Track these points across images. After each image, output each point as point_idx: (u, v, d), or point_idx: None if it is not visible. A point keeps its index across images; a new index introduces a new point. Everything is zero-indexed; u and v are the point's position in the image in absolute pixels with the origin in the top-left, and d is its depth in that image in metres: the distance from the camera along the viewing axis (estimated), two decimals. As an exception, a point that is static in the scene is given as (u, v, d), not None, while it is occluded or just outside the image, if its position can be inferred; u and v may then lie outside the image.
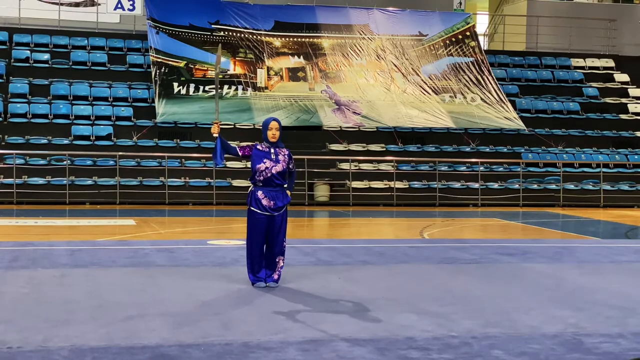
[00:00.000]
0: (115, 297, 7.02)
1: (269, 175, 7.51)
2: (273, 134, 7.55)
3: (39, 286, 7.52)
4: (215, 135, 7.59)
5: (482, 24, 27.33)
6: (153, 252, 9.99)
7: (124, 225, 13.97)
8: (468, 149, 21.02)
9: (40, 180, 18.00)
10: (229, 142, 7.85)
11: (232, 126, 19.94)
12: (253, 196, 7.59)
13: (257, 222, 7.54)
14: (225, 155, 7.71)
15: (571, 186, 20.51)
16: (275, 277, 7.65)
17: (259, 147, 7.61)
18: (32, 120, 19.35)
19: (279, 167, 7.53)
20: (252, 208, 7.57)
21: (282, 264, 7.70)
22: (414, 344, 5.56)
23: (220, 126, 7.73)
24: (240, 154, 7.65)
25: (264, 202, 7.52)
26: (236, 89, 20.61)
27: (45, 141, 18.87)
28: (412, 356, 5.25)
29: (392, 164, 19.97)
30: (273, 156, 7.55)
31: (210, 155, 8.03)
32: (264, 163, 7.51)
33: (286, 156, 7.60)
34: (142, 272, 8.40)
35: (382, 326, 6.08)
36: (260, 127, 7.84)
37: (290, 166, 7.65)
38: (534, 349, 5.49)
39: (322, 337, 5.66)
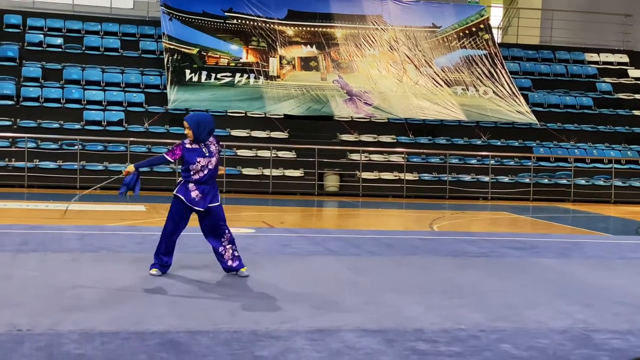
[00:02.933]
0: (124, 283, 7.04)
1: (205, 172, 7.27)
2: (186, 133, 7.29)
3: (49, 270, 7.56)
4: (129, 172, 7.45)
5: (496, 16, 27.22)
6: (162, 238, 9.99)
7: (133, 211, 14.02)
8: (479, 142, 20.97)
9: (51, 165, 18.07)
10: (213, 135, 7.41)
11: (244, 114, 19.94)
12: (184, 185, 7.32)
13: (180, 211, 7.32)
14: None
15: (582, 181, 20.43)
16: (235, 263, 7.49)
17: (187, 145, 7.29)
18: (45, 105, 19.41)
19: (214, 160, 7.30)
20: (179, 195, 7.29)
21: (236, 254, 7.52)
22: (422, 336, 5.56)
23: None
24: (171, 159, 7.37)
25: (193, 194, 7.27)
26: (248, 77, 20.59)
27: (57, 125, 18.93)
28: (420, 348, 5.24)
29: (403, 155, 19.94)
30: (205, 150, 7.28)
31: (222, 143, 7.88)
32: (198, 162, 7.24)
33: (215, 145, 7.37)
34: (152, 259, 8.41)
35: (390, 317, 6.08)
36: (271, 117, 7.80)
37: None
38: (542, 343, 5.48)
39: (330, 327, 5.66)
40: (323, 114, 20.33)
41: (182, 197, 7.31)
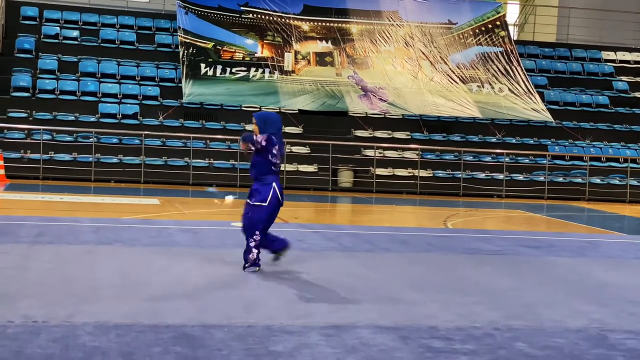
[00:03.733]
0: (139, 276, 7.06)
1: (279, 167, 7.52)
2: (253, 129, 7.46)
3: (64, 262, 7.58)
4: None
5: (512, 13, 27.07)
6: (177, 232, 10.03)
7: (148, 205, 14.05)
8: (494, 140, 20.88)
9: (66, 157, 18.14)
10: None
11: (258, 109, 19.93)
12: (277, 178, 7.46)
13: (276, 200, 7.44)
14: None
15: (597, 180, 20.31)
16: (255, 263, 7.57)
17: (273, 137, 7.35)
18: (60, 97, 19.48)
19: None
20: (276, 188, 7.42)
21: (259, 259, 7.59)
22: (436, 333, 5.54)
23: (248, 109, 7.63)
24: (259, 146, 7.27)
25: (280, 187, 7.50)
26: (263, 72, 20.59)
27: (72, 118, 19.00)
28: (434, 345, 5.23)
29: (417, 152, 19.88)
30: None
31: (237, 137, 7.87)
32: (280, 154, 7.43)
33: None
34: (166, 252, 8.44)
35: (404, 314, 6.06)
36: (286, 112, 7.79)
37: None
38: (558, 342, 5.45)
39: (344, 323, 5.65)
40: (337, 110, 20.30)
41: (277, 190, 7.37)
